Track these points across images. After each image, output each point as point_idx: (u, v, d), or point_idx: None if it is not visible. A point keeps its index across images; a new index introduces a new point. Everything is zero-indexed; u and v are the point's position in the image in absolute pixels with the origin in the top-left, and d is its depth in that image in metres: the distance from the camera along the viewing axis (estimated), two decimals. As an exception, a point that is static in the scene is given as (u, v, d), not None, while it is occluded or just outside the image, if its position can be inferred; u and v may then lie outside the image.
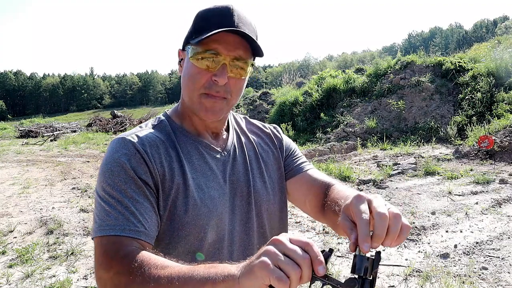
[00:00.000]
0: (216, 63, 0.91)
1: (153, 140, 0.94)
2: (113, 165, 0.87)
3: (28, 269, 3.78)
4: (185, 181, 0.92)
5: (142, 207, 0.85)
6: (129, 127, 21.86)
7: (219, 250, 0.96)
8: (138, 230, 0.82)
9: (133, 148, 0.89)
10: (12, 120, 53.43)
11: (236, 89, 0.95)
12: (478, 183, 5.95)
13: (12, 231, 4.91)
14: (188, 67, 0.94)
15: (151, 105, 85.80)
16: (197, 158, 0.98)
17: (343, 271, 3.53)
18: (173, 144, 0.97)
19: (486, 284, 3.18)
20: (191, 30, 0.95)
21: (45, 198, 6.61)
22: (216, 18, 0.91)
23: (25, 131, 20.50)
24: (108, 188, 0.85)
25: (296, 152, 1.19)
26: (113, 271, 0.76)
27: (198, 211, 0.91)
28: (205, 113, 0.95)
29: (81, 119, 41.30)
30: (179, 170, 0.93)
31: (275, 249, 0.64)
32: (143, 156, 0.89)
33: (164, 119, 1.03)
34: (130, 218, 0.82)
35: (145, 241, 0.83)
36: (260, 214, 1.05)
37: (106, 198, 0.85)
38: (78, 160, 10.93)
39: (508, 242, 3.92)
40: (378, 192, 5.91)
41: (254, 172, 1.07)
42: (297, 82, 19.54)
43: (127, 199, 0.84)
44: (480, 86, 10.71)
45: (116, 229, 0.81)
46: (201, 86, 0.93)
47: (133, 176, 0.86)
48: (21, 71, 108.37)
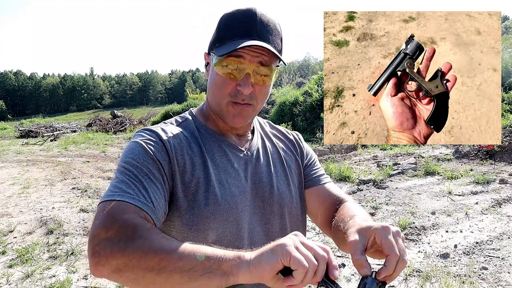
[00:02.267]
0: (240, 71, 0.91)
1: (177, 134, 0.96)
2: (135, 145, 0.89)
3: (28, 269, 3.78)
4: (206, 175, 0.93)
5: (154, 188, 0.85)
6: (129, 127, 21.87)
7: (238, 248, 0.93)
8: (147, 204, 0.81)
9: (157, 136, 0.92)
10: (12, 120, 53.48)
11: (261, 95, 0.96)
12: (478, 183, 5.95)
13: (12, 231, 4.92)
14: (213, 75, 0.95)
15: (151, 105, 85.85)
16: (219, 155, 0.99)
17: (343, 271, 3.53)
18: (197, 140, 0.98)
19: (486, 284, 3.18)
20: (215, 36, 0.96)
21: (45, 198, 6.61)
22: (240, 26, 0.92)
23: (25, 131, 20.50)
24: (127, 162, 0.86)
25: (316, 162, 1.20)
26: (113, 230, 0.72)
27: (219, 206, 0.92)
28: (233, 119, 0.96)
29: (81, 119, 41.33)
30: (201, 164, 0.94)
31: (296, 238, 0.67)
32: (165, 145, 0.91)
33: (189, 117, 1.05)
34: (142, 191, 0.82)
35: (151, 216, 0.80)
36: (283, 216, 1.04)
37: (122, 171, 0.85)
38: (78, 160, 10.93)
39: (508, 242, 3.92)
40: (378, 192, 5.91)
41: (279, 174, 1.07)
42: (297, 82, 19.54)
43: (143, 175, 0.84)
44: (480, 86, 10.71)
45: (126, 196, 0.79)
46: (227, 94, 0.94)
47: (153, 158, 0.87)
48: (21, 71, 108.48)
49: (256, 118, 1.17)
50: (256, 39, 0.90)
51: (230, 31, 0.92)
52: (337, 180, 6.87)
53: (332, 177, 7.00)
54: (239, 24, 0.92)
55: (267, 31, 0.92)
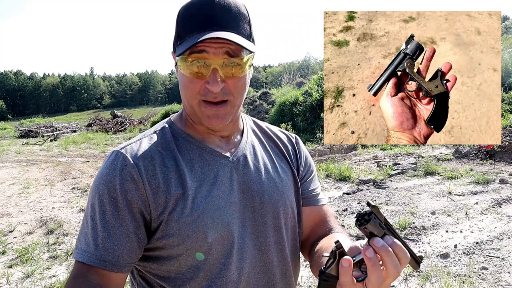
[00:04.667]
0: (206, 67, 0.82)
1: (149, 152, 0.88)
2: (100, 183, 0.85)
3: (28, 269, 3.78)
4: (184, 191, 0.85)
5: (117, 232, 0.82)
6: (129, 127, 21.87)
7: (225, 266, 0.87)
8: (104, 259, 0.81)
9: (124, 163, 0.85)
10: (12, 120, 53.45)
11: (236, 88, 0.86)
12: (478, 183, 5.95)
13: (12, 231, 4.92)
14: (180, 75, 0.87)
15: (151, 105, 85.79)
16: (200, 165, 0.90)
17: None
18: (172, 154, 0.89)
19: (486, 284, 3.18)
20: (175, 33, 0.88)
21: (45, 198, 6.61)
22: (198, 18, 0.82)
23: (25, 131, 20.52)
24: (90, 207, 0.85)
25: (315, 177, 1.11)
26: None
27: (200, 222, 0.84)
28: (209, 121, 0.87)
29: (81, 119, 41.32)
30: (177, 180, 0.86)
31: None
32: (131, 172, 0.84)
33: (166, 126, 0.96)
34: (99, 245, 0.82)
35: (110, 270, 0.81)
36: (278, 229, 0.95)
37: (86, 217, 0.86)
38: (78, 160, 10.93)
39: (508, 242, 3.92)
40: (378, 192, 5.91)
41: (271, 181, 0.96)
42: (297, 82, 19.54)
43: (104, 222, 0.82)
44: (480, 86, 10.71)
45: (84, 255, 0.82)
46: (197, 93, 0.85)
47: (116, 197, 0.83)
48: (21, 71, 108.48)
49: (249, 118, 1.09)
50: (217, 29, 0.80)
51: (188, 25, 0.83)
52: (337, 180, 6.87)
53: (332, 177, 7.00)
54: (197, 15, 0.82)
55: (229, 17, 0.82)
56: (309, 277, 3.44)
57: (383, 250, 0.69)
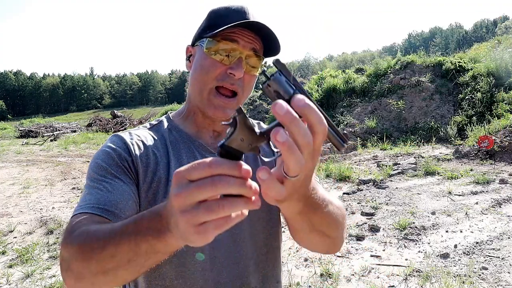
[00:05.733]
0: (232, 56, 0.89)
1: (144, 135, 0.96)
2: (97, 156, 0.90)
3: (28, 269, 3.78)
4: (168, 176, 0.91)
5: (118, 185, 0.84)
6: (129, 127, 21.87)
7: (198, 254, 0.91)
8: (106, 209, 0.79)
9: (121, 140, 0.92)
10: (12, 120, 53.46)
11: (248, 85, 0.94)
12: (478, 183, 5.95)
13: (12, 231, 4.92)
14: (200, 59, 0.92)
15: (151, 105, 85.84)
16: (187, 157, 0.96)
17: (343, 271, 3.53)
18: (164, 142, 0.97)
19: (486, 284, 3.17)
20: (205, 25, 0.94)
21: (45, 198, 6.61)
22: (232, 15, 0.90)
23: (25, 131, 20.52)
24: (91, 168, 0.88)
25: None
26: (65, 246, 0.71)
27: None
28: (214, 111, 0.92)
29: (81, 119, 41.34)
30: (164, 165, 0.92)
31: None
32: (128, 147, 0.91)
33: (163, 119, 1.04)
34: (102, 197, 0.81)
35: (107, 217, 0.79)
36: (253, 222, 0.97)
37: (89, 177, 0.87)
38: (78, 160, 10.93)
39: (508, 242, 3.91)
40: (378, 192, 5.91)
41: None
42: (297, 82, 19.50)
43: (105, 178, 0.85)
44: (480, 86, 10.71)
45: (85, 207, 0.79)
46: (214, 78, 0.90)
47: (115, 159, 0.88)
48: (21, 71, 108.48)
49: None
50: (252, 24, 0.88)
51: (223, 19, 0.90)
52: (337, 180, 6.87)
53: (332, 177, 7.00)
54: (232, 14, 0.90)
55: (263, 21, 0.91)
56: (309, 277, 3.44)
57: (288, 115, 0.48)
